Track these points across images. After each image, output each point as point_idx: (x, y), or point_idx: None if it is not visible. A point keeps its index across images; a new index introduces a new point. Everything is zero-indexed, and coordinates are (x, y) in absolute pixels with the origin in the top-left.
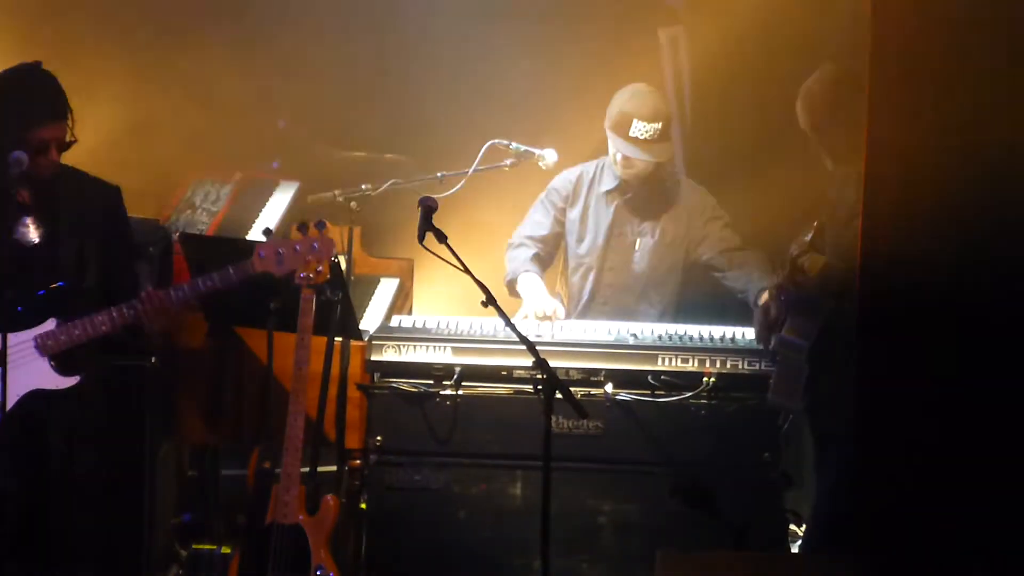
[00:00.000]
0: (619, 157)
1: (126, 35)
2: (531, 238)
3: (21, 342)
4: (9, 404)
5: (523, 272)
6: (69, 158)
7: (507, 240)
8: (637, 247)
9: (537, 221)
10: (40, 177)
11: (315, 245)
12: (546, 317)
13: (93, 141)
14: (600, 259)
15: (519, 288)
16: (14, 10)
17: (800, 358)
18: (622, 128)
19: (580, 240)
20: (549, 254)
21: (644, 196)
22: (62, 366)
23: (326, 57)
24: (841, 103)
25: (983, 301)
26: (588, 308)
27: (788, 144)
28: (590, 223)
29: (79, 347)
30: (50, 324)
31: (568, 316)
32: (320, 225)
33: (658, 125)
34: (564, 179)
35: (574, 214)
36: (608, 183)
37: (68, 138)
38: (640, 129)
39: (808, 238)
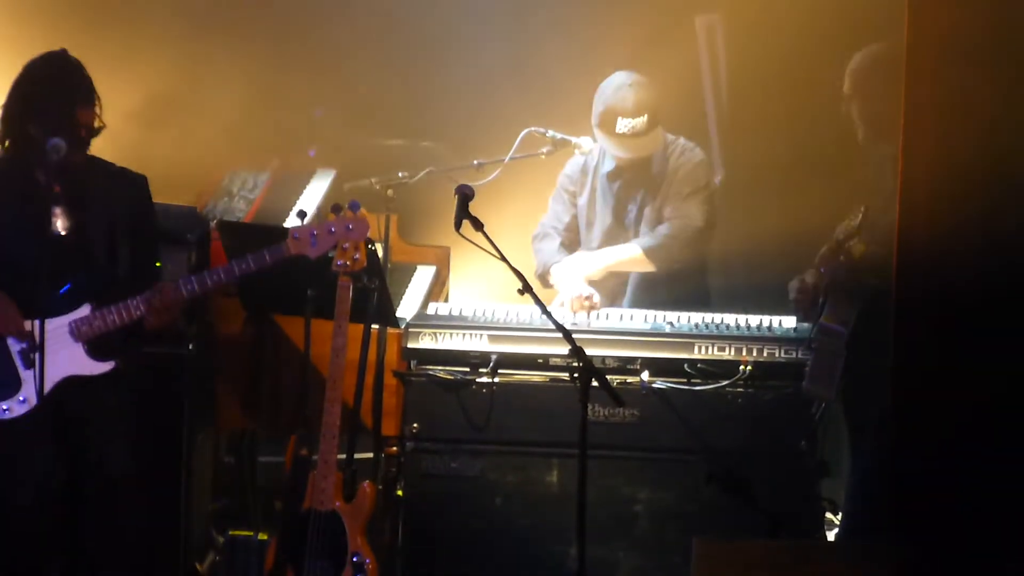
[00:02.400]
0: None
1: (163, 27)
2: (555, 228)
3: (56, 328)
4: (45, 391)
5: (554, 263)
6: (107, 148)
7: (533, 246)
8: (642, 223)
9: (557, 211)
10: (72, 167)
11: (349, 226)
12: (584, 305)
13: (131, 131)
14: (610, 241)
15: (552, 279)
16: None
17: (838, 345)
18: (607, 125)
19: (590, 225)
20: (573, 241)
21: (643, 172)
22: (97, 352)
23: (362, 45)
24: (886, 80)
25: (1021, 286)
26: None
27: (827, 130)
28: (598, 207)
29: (113, 333)
30: (85, 310)
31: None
32: (354, 206)
33: (643, 119)
34: (572, 166)
35: (583, 200)
36: (609, 164)
37: (97, 124)
38: (625, 125)
39: (856, 223)
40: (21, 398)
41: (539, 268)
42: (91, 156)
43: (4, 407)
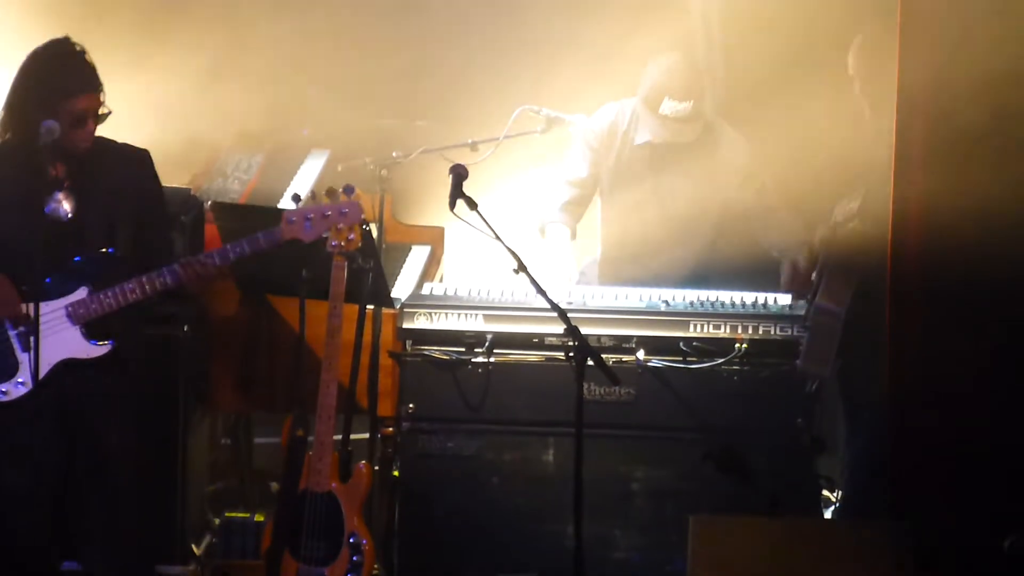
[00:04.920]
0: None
1: (155, 6)
2: (568, 182)
3: (52, 311)
4: (42, 373)
5: (551, 223)
6: (99, 130)
7: (539, 200)
8: (672, 201)
9: (574, 163)
10: (76, 150)
11: (343, 210)
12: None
13: (124, 112)
14: (635, 212)
15: (546, 240)
16: None
17: (835, 324)
18: (652, 103)
19: (614, 192)
20: (584, 198)
21: (679, 150)
22: (93, 335)
23: (355, 24)
24: (885, 59)
25: (1018, 262)
26: (620, 260)
27: (822, 102)
28: (624, 175)
29: (110, 316)
30: (81, 293)
31: (602, 264)
32: (348, 190)
33: (689, 104)
34: (599, 120)
35: (608, 163)
36: (643, 135)
37: (103, 110)
38: (670, 107)
39: (855, 205)
40: (19, 380)
41: (538, 220)
42: (96, 137)
43: (2, 389)
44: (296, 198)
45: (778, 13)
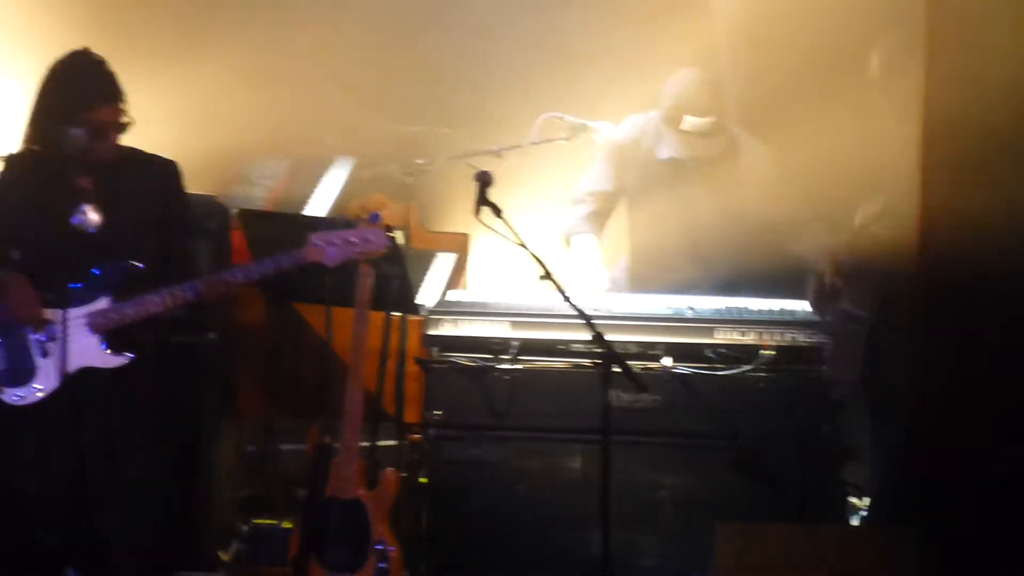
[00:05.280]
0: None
1: (180, 13)
2: (591, 194)
3: (73, 319)
4: (59, 380)
5: (576, 234)
6: (125, 139)
7: (564, 213)
8: (698, 214)
9: (598, 176)
10: (101, 162)
11: (368, 237)
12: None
13: (150, 120)
14: (661, 224)
15: (573, 249)
16: None
17: (861, 329)
18: (673, 120)
19: (639, 204)
20: (607, 210)
21: (702, 165)
22: (114, 344)
23: (382, 32)
24: (911, 62)
25: None
26: (649, 269)
27: (845, 107)
28: (649, 189)
29: (131, 326)
30: (103, 302)
31: (631, 272)
32: (374, 218)
33: (710, 119)
34: (623, 135)
35: (633, 177)
36: (665, 151)
37: (125, 120)
38: (691, 123)
39: (879, 208)
40: (35, 386)
41: (563, 232)
42: (122, 146)
43: (19, 394)
44: (323, 222)
45: (801, 21)
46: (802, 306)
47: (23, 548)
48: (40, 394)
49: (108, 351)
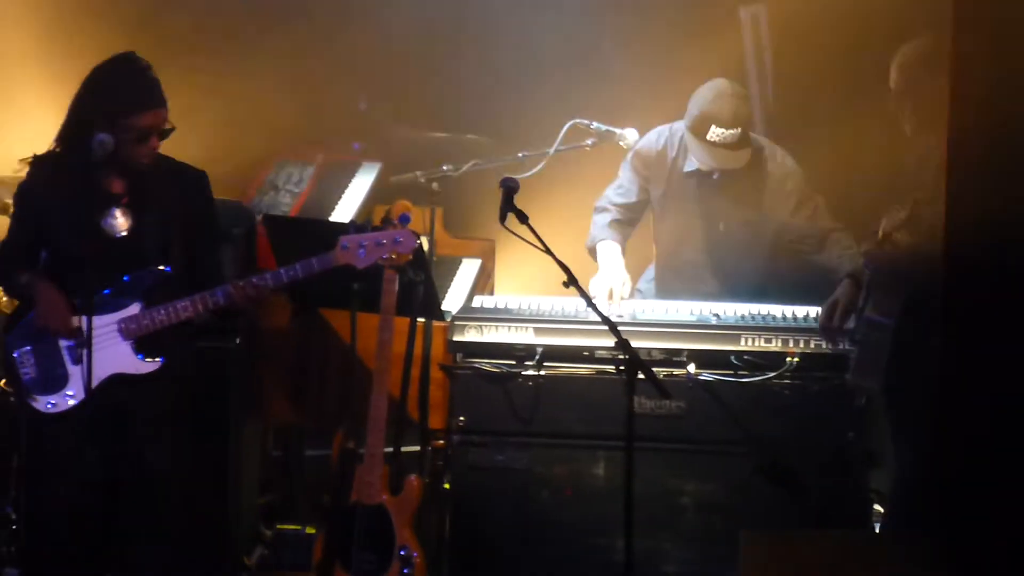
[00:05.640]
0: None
1: (211, 20)
2: (615, 204)
3: (104, 325)
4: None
5: (600, 240)
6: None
7: (589, 219)
8: (722, 228)
9: (623, 186)
10: (137, 166)
11: (398, 239)
12: (609, 296)
13: (179, 124)
14: (685, 239)
15: (597, 257)
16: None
17: (883, 337)
18: (699, 130)
19: (666, 215)
20: (633, 220)
21: (728, 178)
22: (144, 350)
23: (407, 38)
24: (933, 72)
25: None
26: (676, 279)
27: (870, 117)
28: (675, 200)
29: (161, 332)
30: (134, 308)
31: (658, 282)
32: (404, 219)
33: (736, 131)
34: (649, 145)
35: (658, 192)
36: (691, 163)
37: (166, 126)
38: (717, 134)
39: (904, 215)
40: (68, 393)
41: (588, 241)
42: (157, 154)
43: (51, 401)
44: (354, 225)
45: (826, 31)
46: None
47: (55, 554)
48: (72, 401)
49: (139, 357)
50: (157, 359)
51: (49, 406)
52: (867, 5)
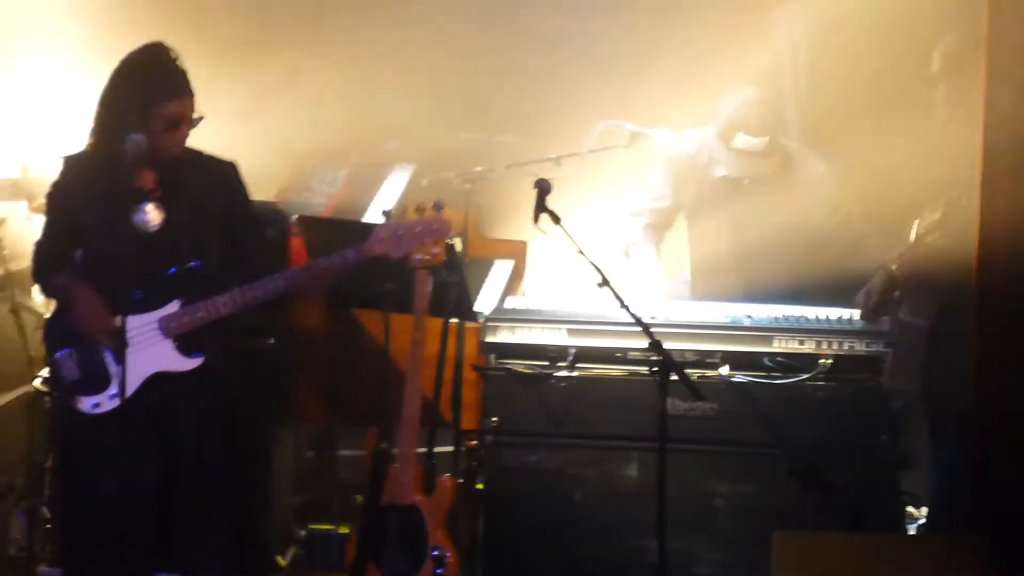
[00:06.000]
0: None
1: (247, 21)
2: (649, 208)
3: (145, 324)
4: (133, 387)
5: (635, 244)
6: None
7: (622, 220)
8: (756, 231)
9: (655, 191)
10: (167, 157)
11: (433, 226)
12: (645, 297)
13: (212, 124)
14: (717, 243)
15: (632, 261)
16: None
17: (918, 339)
18: (727, 137)
19: (698, 218)
20: (666, 223)
21: (759, 184)
22: (186, 348)
23: (440, 39)
24: (975, 64)
25: None
26: (710, 281)
27: (903, 118)
28: (707, 204)
29: (202, 329)
30: (174, 306)
31: (693, 284)
32: (437, 206)
33: (764, 139)
34: (680, 151)
35: (691, 192)
36: (723, 169)
37: (195, 115)
38: (744, 142)
39: (938, 216)
40: (111, 393)
41: (623, 246)
42: (186, 147)
43: (95, 402)
44: (386, 214)
45: (860, 32)
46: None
47: (101, 554)
48: (116, 401)
49: (181, 354)
50: (198, 356)
51: (93, 407)
52: (902, 6)
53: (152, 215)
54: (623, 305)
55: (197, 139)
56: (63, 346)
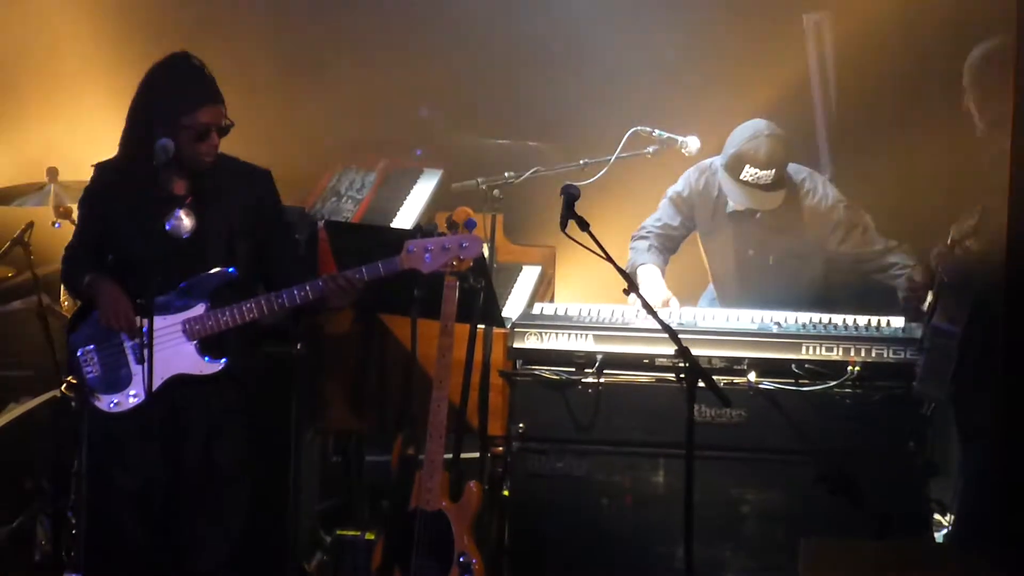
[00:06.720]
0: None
1: (273, 27)
2: (652, 233)
3: (169, 325)
4: (154, 387)
5: (640, 264)
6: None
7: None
8: (772, 262)
9: (666, 222)
10: (199, 165)
11: (464, 243)
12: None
13: (242, 130)
14: (734, 276)
15: (638, 280)
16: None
17: (951, 345)
18: (734, 169)
19: (712, 252)
20: (671, 247)
21: (770, 215)
22: (209, 351)
23: (468, 45)
24: (1003, 74)
25: None
26: (733, 290)
27: (935, 124)
28: (720, 237)
29: (226, 333)
30: (199, 309)
31: (718, 294)
32: (470, 224)
33: (771, 172)
34: (691, 184)
35: (703, 228)
36: (732, 202)
37: (225, 123)
38: (751, 174)
39: (974, 222)
40: (131, 392)
41: (628, 267)
42: (220, 154)
43: (114, 400)
44: (419, 230)
45: (890, 37)
46: (889, 322)
47: (119, 553)
48: (135, 400)
49: (204, 358)
50: (221, 360)
51: (112, 405)
52: (931, 12)
53: (184, 222)
54: (650, 311)
55: (232, 149)
56: (85, 343)
